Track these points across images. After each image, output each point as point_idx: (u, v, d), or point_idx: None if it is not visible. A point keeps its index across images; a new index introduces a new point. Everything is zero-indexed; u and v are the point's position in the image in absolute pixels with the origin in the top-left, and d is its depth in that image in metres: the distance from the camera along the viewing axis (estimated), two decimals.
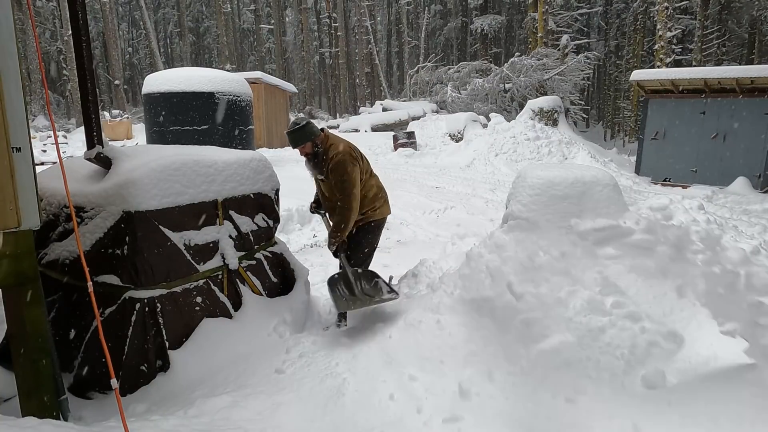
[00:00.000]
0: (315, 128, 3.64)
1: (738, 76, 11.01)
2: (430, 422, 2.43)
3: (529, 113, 15.34)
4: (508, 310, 2.83)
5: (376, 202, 3.84)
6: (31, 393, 2.35)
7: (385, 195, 3.99)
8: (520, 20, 34.69)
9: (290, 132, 3.60)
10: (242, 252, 3.52)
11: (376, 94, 36.20)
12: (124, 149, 3.16)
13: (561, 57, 21.66)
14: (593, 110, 36.09)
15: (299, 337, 3.53)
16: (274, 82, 19.59)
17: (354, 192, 3.55)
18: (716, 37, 24.65)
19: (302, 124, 3.59)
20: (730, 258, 2.75)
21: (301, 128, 3.58)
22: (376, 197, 3.84)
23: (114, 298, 2.85)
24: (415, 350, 2.90)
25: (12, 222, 2.18)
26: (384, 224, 4.01)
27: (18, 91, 2.17)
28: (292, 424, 2.52)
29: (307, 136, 3.60)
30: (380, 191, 3.92)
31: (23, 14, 26.01)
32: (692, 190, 11.04)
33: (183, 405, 2.66)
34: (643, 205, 4.44)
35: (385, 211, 3.96)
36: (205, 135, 10.99)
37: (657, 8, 18.43)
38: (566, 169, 3.22)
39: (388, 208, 3.99)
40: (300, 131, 3.58)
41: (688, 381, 2.33)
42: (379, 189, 3.91)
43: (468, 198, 9.54)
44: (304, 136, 3.59)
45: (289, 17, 45.92)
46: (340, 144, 3.65)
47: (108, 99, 35.38)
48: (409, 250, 6.10)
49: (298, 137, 3.59)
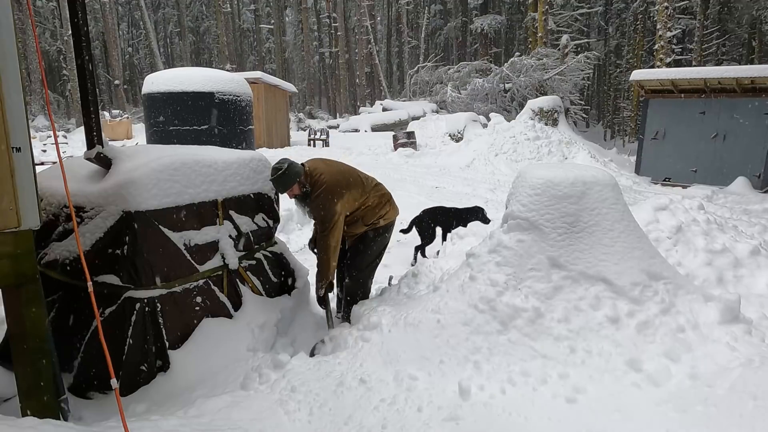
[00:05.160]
0: (297, 167, 3.47)
1: (738, 76, 11.01)
2: (430, 422, 2.43)
3: (529, 113, 15.33)
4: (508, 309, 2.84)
5: (380, 210, 3.77)
6: (31, 393, 2.35)
7: (389, 198, 3.90)
8: (520, 20, 34.66)
9: (274, 179, 3.44)
10: (242, 252, 3.51)
11: (376, 94, 36.21)
12: (124, 149, 3.16)
13: (561, 57, 21.66)
14: (593, 110, 36.07)
15: (298, 338, 3.54)
16: (274, 82, 19.59)
17: (333, 231, 3.42)
18: (716, 37, 24.66)
19: (284, 169, 3.40)
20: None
21: (284, 173, 3.40)
22: (378, 206, 3.76)
23: (114, 298, 2.85)
24: (415, 350, 2.90)
25: (12, 222, 2.18)
26: (393, 227, 3.95)
27: (18, 91, 2.17)
28: (291, 424, 2.52)
29: (292, 179, 3.43)
30: (382, 198, 3.81)
31: (23, 14, 26.00)
32: (692, 190, 11.04)
33: (183, 405, 2.66)
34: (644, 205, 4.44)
35: (392, 215, 3.87)
36: (205, 135, 10.99)
37: (657, 8, 18.42)
38: (566, 169, 3.22)
39: (394, 210, 3.91)
40: (284, 176, 3.40)
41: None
42: (381, 197, 3.80)
43: (468, 198, 9.53)
44: (288, 180, 3.42)
45: (289, 17, 45.92)
46: (325, 175, 3.49)
47: (108, 99, 35.37)
48: (409, 250, 6.10)
49: (283, 182, 3.43)
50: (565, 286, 2.91)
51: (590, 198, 3.02)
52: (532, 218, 3.04)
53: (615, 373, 2.60)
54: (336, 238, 3.46)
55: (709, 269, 3.86)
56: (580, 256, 2.94)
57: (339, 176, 3.53)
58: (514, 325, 2.84)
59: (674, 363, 2.58)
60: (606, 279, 2.88)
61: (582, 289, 2.89)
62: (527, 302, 2.87)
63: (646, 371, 2.56)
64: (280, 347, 3.43)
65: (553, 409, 2.44)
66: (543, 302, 2.88)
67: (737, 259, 3.93)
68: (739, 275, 3.84)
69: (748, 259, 3.93)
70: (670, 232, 4.08)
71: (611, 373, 2.60)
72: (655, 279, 2.92)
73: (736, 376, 2.31)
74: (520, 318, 2.85)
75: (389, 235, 3.94)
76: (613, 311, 2.80)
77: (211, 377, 2.97)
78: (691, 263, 3.90)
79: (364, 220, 3.73)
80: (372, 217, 3.73)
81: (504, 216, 3.26)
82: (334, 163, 3.73)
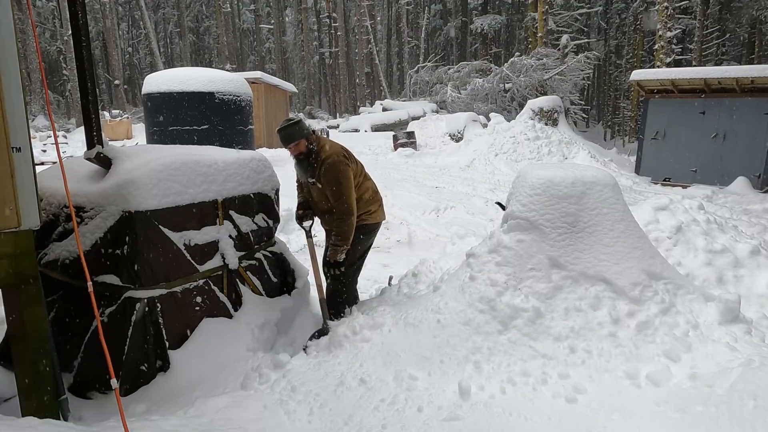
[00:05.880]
0: (308, 127, 3.51)
1: (738, 76, 11.01)
2: (430, 422, 2.43)
3: (529, 113, 15.33)
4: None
5: (371, 205, 3.73)
6: (31, 393, 2.35)
7: (380, 199, 3.87)
8: (520, 20, 34.68)
9: (283, 128, 3.42)
10: (242, 252, 3.51)
11: (376, 94, 36.22)
12: (124, 149, 3.16)
13: (561, 57, 21.66)
14: (593, 110, 36.08)
15: (298, 338, 3.53)
16: (274, 82, 19.57)
17: (351, 195, 3.45)
18: (716, 37, 24.67)
19: (296, 120, 3.44)
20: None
21: (295, 124, 3.42)
22: (371, 201, 3.73)
23: (114, 298, 2.85)
24: (416, 350, 2.90)
25: (12, 222, 2.18)
26: (378, 229, 3.89)
27: (18, 91, 2.17)
28: (291, 424, 2.52)
29: (302, 133, 3.44)
30: (375, 195, 3.81)
31: (23, 14, 26.01)
32: (692, 190, 11.04)
33: (183, 405, 2.66)
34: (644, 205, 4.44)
35: (379, 216, 3.82)
36: (205, 135, 10.98)
37: (657, 8, 18.42)
38: (566, 169, 3.22)
39: (382, 213, 3.87)
40: (294, 127, 3.41)
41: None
42: (374, 192, 3.80)
43: (468, 198, 9.54)
44: (298, 132, 3.42)
45: (289, 17, 45.92)
46: (332, 146, 3.54)
47: (108, 99, 35.38)
48: (409, 250, 6.10)
49: (292, 133, 3.41)
50: (565, 286, 2.91)
51: (590, 198, 3.02)
52: (532, 218, 3.04)
53: (615, 373, 2.60)
54: (353, 204, 3.45)
55: (709, 269, 3.86)
56: (580, 256, 2.94)
57: (342, 150, 3.56)
58: (514, 325, 2.84)
59: (674, 363, 2.58)
60: (606, 279, 2.89)
61: (582, 289, 2.89)
62: (527, 302, 2.87)
63: (646, 371, 2.56)
64: (280, 347, 3.43)
65: (553, 409, 2.44)
66: (543, 302, 2.88)
67: (737, 259, 3.93)
68: (739, 275, 3.84)
69: (748, 259, 3.93)
70: (670, 232, 4.08)
71: (611, 373, 2.60)
72: (655, 279, 2.92)
73: (736, 376, 2.31)
74: (520, 318, 2.85)
75: (373, 237, 3.86)
76: (613, 311, 2.80)
77: (211, 377, 2.97)
78: (691, 263, 3.90)
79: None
80: (362, 209, 3.64)
81: (504, 216, 3.26)
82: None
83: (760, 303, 3.60)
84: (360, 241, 3.73)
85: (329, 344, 3.12)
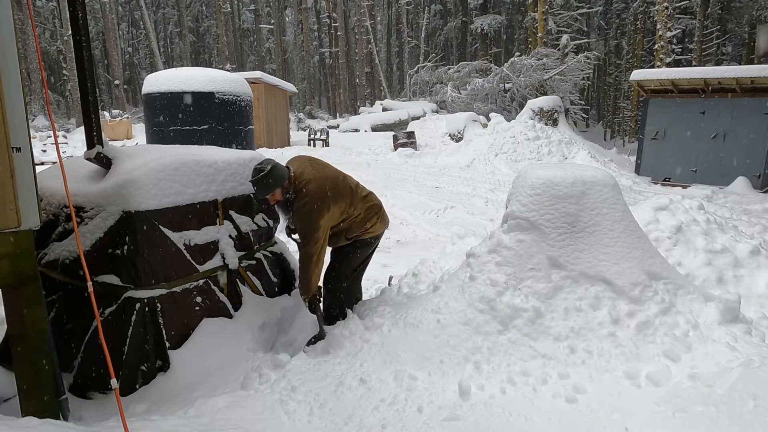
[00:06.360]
0: (282, 171, 3.10)
1: (738, 76, 11.01)
2: (430, 422, 2.43)
3: (529, 113, 15.33)
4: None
5: (367, 223, 3.45)
6: (31, 393, 2.35)
7: (378, 210, 3.54)
8: (520, 20, 34.67)
9: (255, 181, 3.05)
10: (242, 252, 3.51)
11: (376, 94, 36.19)
12: (124, 149, 3.16)
13: (561, 57, 21.65)
14: (593, 110, 36.08)
15: (298, 338, 3.53)
16: (274, 82, 19.59)
17: (316, 243, 3.12)
18: (716, 37, 24.65)
19: (266, 171, 3.02)
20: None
21: (266, 175, 3.01)
22: (364, 220, 3.44)
23: (114, 298, 2.85)
24: (416, 350, 2.90)
25: (12, 222, 2.18)
26: (378, 241, 3.63)
27: (18, 91, 2.17)
28: (291, 424, 2.52)
29: (276, 183, 3.07)
30: (370, 211, 3.46)
31: (23, 14, 26.00)
32: (692, 190, 11.03)
33: (183, 405, 2.66)
34: (644, 205, 4.44)
35: (378, 229, 3.54)
36: (205, 135, 10.98)
37: (657, 8, 18.42)
38: (566, 169, 3.22)
39: (382, 223, 3.57)
40: (266, 179, 3.02)
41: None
42: (369, 209, 3.45)
43: (468, 198, 9.54)
44: (272, 184, 3.06)
45: (289, 17, 45.91)
46: (311, 183, 3.12)
47: (108, 99, 35.36)
48: (409, 250, 6.10)
49: (265, 186, 3.05)
50: (565, 286, 2.91)
51: (590, 198, 3.02)
52: (532, 218, 3.04)
53: (615, 373, 2.60)
54: (317, 252, 3.15)
55: (709, 269, 3.86)
56: (580, 256, 2.94)
57: (326, 184, 3.17)
58: (514, 325, 2.84)
59: (674, 363, 2.58)
60: (606, 279, 2.89)
61: (582, 289, 2.89)
62: (527, 302, 2.87)
63: (646, 371, 2.56)
64: (280, 347, 3.43)
65: (553, 409, 2.44)
66: (543, 302, 2.88)
67: (737, 259, 3.93)
68: (739, 275, 3.84)
69: (748, 259, 3.93)
70: (670, 232, 4.08)
71: (611, 373, 2.60)
72: (655, 279, 2.92)
73: (736, 376, 2.31)
74: (520, 318, 2.85)
75: (374, 247, 3.62)
76: (613, 311, 2.80)
77: (211, 377, 2.97)
78: (691, 263, 3.90)
79: (347, 233, 3.40)
80: (355, 231, 3.41)
81: (504, 216, 3.26)
82: (322, 166, 3.35)
83: (760, 303, 3.60)
84: (352, 254, 3.52)
85: (329, 344, 3.12)
